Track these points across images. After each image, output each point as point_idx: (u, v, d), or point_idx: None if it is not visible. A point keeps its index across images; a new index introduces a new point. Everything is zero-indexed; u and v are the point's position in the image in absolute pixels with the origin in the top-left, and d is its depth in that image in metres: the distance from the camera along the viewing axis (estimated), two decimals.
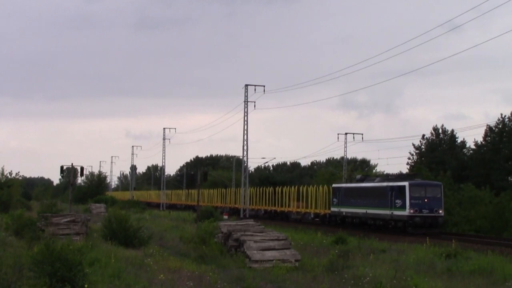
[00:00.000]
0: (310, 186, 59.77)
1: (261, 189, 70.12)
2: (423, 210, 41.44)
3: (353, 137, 79.39)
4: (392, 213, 42.92)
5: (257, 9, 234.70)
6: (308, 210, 58.49)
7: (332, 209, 52.41)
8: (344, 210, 50.20)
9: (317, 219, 56.60)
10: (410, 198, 41.55)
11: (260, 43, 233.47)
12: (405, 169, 79.00)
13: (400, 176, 47.66)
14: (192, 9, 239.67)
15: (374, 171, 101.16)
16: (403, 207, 41.85)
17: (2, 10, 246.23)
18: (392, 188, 43.46)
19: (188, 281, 17.74)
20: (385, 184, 45.30)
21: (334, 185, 54.11)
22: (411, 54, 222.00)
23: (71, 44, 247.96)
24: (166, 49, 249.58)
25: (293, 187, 63.47)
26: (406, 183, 42.26)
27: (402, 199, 42.01)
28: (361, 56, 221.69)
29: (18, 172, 69.11)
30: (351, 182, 53.52)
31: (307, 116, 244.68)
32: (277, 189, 66.57)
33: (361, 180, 50.76)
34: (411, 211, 41.25)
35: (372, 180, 49.50)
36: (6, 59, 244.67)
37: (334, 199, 52.12)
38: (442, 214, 42.43)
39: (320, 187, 56.67)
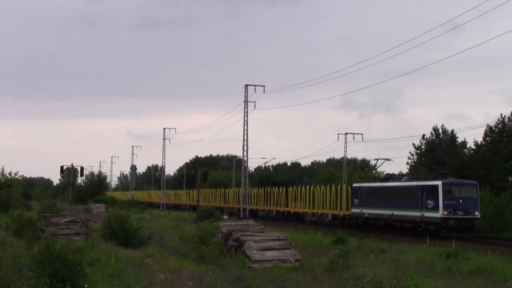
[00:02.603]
0: (327, 186, 56.92)
1: (273, 189, 67.35)
2: (457, 212, 38.67)
3: (353, 137, 79.42)
4: (422, 214, 40.20)
5: (258, 10, 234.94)
6: (325, 211, 55.32)
7: (353, 210, 49.60)
8: (366, 211, 47.36)
9: (336, 221, 53.34)
10: (444, 199, 38.78)
11: (261, 43, 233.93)
12: (405, 169, 79.08)
13: (430, 175, 44.65)
14: (193, 9, 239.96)
15: (374, 171, 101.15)
16: (435, 208, 39.09)
17: (3, 10, 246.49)
18: (422, 187, 40.65)
19: (188, 281, 17.74)
20: (414, 183, 42.39)
21: (355, 185, 51.14)
22: (411, 54, 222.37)
23: (71, 44, 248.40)
24: (167, 49, 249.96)
25: (307, 187, 60.57)
26: (439, 182, 39.44)
27: (435, 199, 39.25)
28: (362, 56, 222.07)
29: (17, 172, 69.15)
30: (374, 181, 50.33)
31: (308, 116, 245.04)
32: (289, 189, 64.16)
33: (386, 179, 47.77)
34: (445, 212, 38.48)
35: (399, 179, 46.54)
36: (7, 59, 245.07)
37: (355, 200, 49.12)
38: (478, 216, 39.63)
39: (339, 187, 53.88)
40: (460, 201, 39.05)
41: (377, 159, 54.44)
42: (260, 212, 68.52)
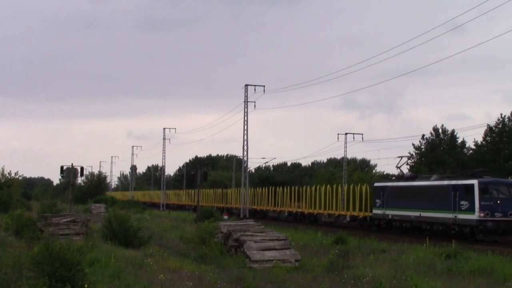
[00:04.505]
0: (345, 185, 53.84)
1: (285, 189, 63.99)
2: (495, 214, 35.78)
3: (353, 137, 79.46)
4: (455, 216, 37.39)
5: (261, 10, 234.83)
6: (342, 213, 52.34)
7: (375, 211, 46.59)
8: (390, 212, 44.37)
9: (355, 223, 50.56)
10: (480, 199, 35.91)
11: (263, 43, 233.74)
12: (404, 169, 78.95)
13: (464, 173, 41.13)
14: (194, 10, 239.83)
15: (374, 171, 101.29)
16: (470, 209, 36.27)
17: (6, 11, 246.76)
18: (455, 187, 37.84)
19: (188, 281, 17.75)
20: (446, 182, 39.51)
21: (376, 184, 48.17)
22: (412, 54, 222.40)
23: (73, 45, 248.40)
24: (168, 50, 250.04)
25: (322, 187, 57.42)
26: (474, 181, 36.59)
27: (470, 200, 36.44)
28: (363, 56, 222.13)
29: (17, 171, 69.00)
30: (398, 180, 47.56)
31: (309, 116, 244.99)
32: (302, 188, 61.26)
33: (412, 178, 44.82)
34: (481, 214, 35.62)
35: (427, 178, 43.23)
36: (10, 59, 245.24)
37: (377, 200, 46.13)
38: None
39: (358, 186, 50.78)
40: (498, 202, 36.22)
41: (401, 157, 50.05)
42: (270, 213, 66.08)
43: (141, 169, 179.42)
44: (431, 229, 40.44)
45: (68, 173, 63.44)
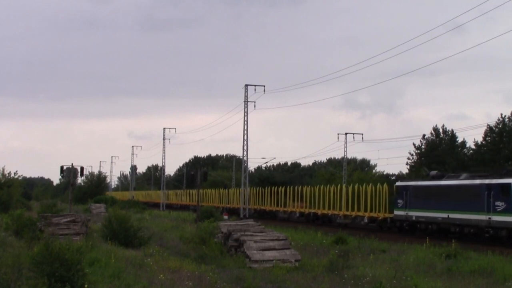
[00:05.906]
0: (364, 185, 51.26)
1: (296, 188, 62.10)
2: None
3: (353, 137, 79.57)
4: (489, 218, 34.66)
5: (261, 11, 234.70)
6: (360, 214, 49.70)
7: (396, 212, 44.08)
8: (414, 214, 41.83)
9: (373, 225, 47.98)
10: None
11: (263, 43, 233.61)
12: (405, 169, 79.10)
13: (498, 171, 38.30)
14: (194, 10, 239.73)
15: (374, 171, 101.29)
16: (507, 211, 33.53)
17: (6, 11, 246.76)
18: (489, 186, 35.06)
19: (188, 281, 17.75)
20: (478, 181, 36.72)
21: (398, 183, 45.76)
22: (413, 54, 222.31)
23: (74, 45, 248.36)
24: (168, 50, 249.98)
25: (337, 186, 55.11)
26: (511, 180, 34.05)
27: (506, 200, 33.70)
28: (363, 56, 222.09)
29: (16, 171, 69.01)
30: (422, 179, 45.32)
31: (309, 116, 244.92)
32: (315, 188, 58.46)
33: (438, 177, 42.16)
34: None
35: (456, 177, 40.44)
36: (10, 59, 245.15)
37: (399, 201, 43.61)
38: None
39: (377, 186, 48.10)
40: None
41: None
42: (280, 214, 63.91)
43: (141, 169, 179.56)
44: (461, 231, 37.89)
45: (68, 173, 63.52)
